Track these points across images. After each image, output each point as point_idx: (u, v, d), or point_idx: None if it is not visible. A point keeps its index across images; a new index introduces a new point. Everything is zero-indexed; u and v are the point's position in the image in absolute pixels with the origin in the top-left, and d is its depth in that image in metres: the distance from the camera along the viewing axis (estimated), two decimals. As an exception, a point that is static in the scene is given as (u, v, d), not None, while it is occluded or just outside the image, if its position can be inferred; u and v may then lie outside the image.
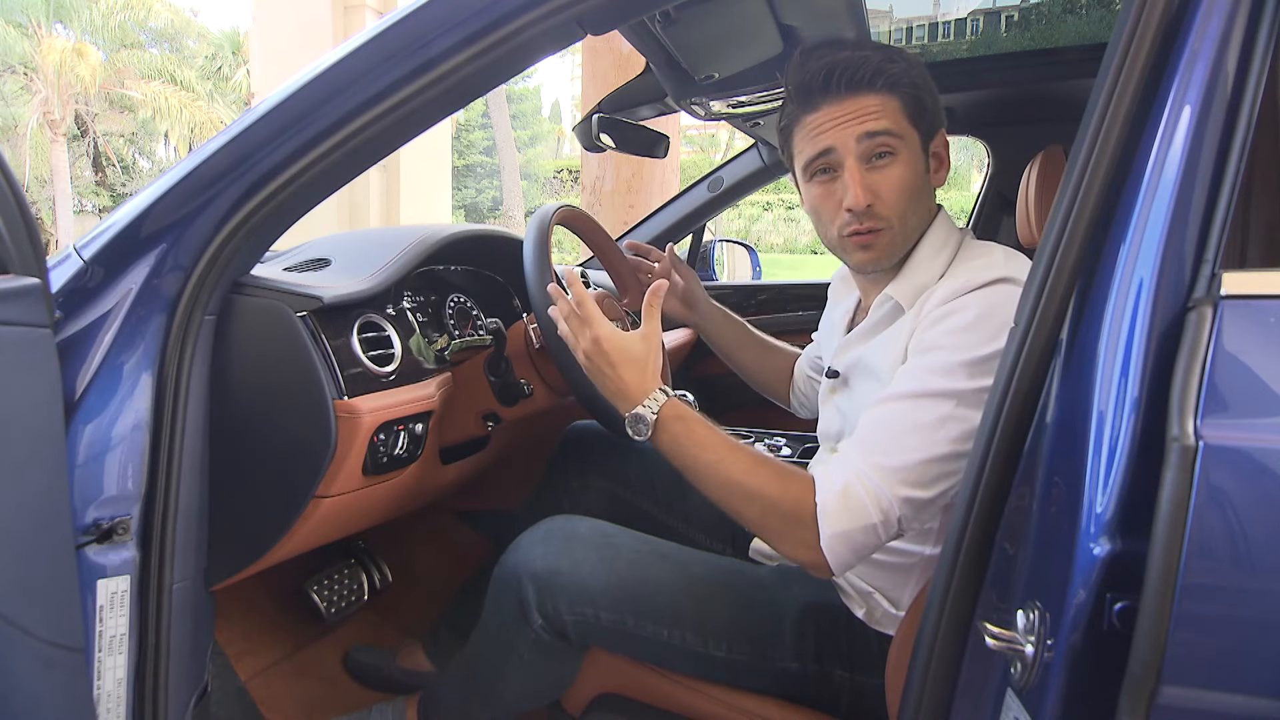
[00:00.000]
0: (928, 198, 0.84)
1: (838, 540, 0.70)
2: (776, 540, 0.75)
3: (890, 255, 0.84)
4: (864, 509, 0.70)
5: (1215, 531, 0.42)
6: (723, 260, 2.08)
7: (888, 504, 0.70)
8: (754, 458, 0.76)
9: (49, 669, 0.67)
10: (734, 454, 0.76)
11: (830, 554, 0.70)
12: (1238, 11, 0.47)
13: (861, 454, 0.72)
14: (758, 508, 0.74)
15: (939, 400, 0.71)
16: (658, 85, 1.30)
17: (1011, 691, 0.49)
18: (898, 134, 0.79)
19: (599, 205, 4.11)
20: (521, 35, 0.69)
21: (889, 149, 0.80)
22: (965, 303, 0.74)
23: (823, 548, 0.70)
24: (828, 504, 0.71)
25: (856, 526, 0.70)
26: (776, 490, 0.73)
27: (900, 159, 0.80)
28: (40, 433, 0.66)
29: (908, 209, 0.81)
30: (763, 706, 0.87)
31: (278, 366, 0.85)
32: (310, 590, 1.36)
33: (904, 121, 0.80)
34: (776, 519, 0.73)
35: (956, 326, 0.73)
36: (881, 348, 0.84)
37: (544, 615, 0.88)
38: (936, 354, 0.73)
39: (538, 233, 1.03)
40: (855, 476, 0.71)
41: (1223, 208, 0.46)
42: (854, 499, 0.70)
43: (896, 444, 0.71)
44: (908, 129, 0.80)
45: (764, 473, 0.74)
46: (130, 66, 13.26)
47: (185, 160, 0.77)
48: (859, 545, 0.71)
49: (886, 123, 0.79)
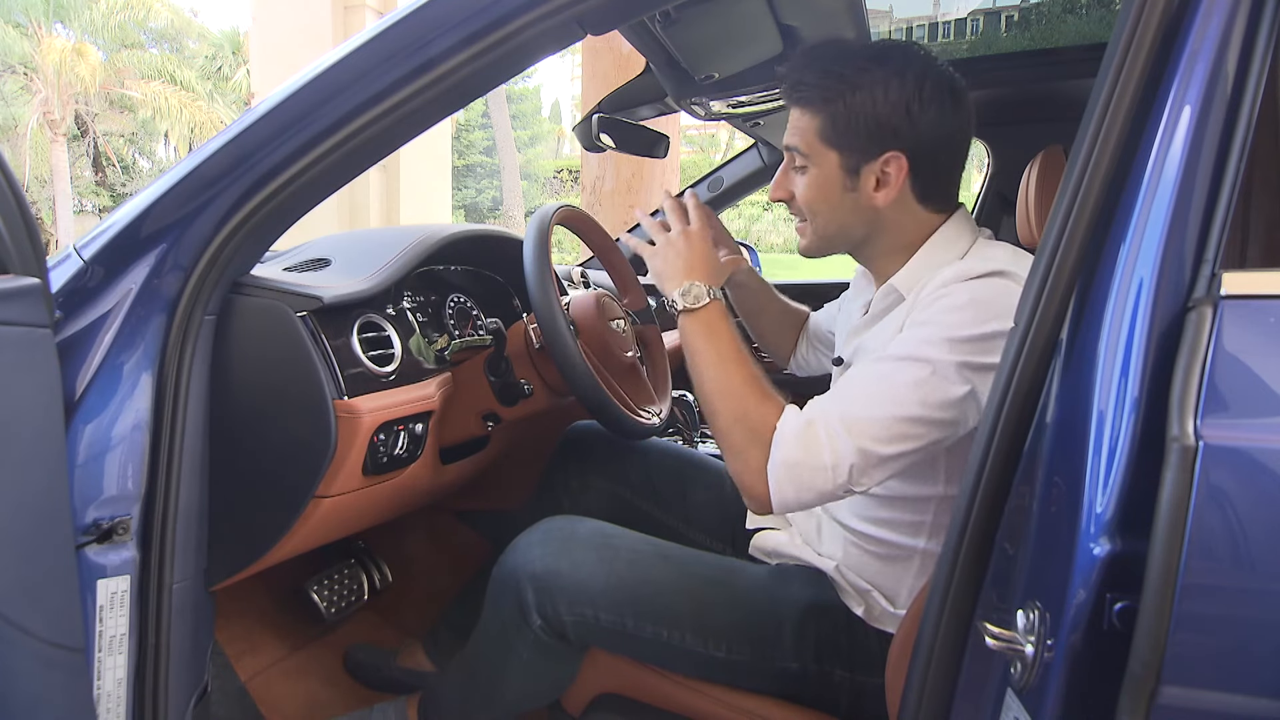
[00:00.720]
0: (854, 213, 0.85)
1: (783, 469, 0.72)
2: (731, 454, 0.78)
3: (816, 248, 0.90)
4: (819, 446, 0.72)
5: (1215, 531, 0.42)
6: (723, 260, 2.07)
7: (844, 450, 0.71)
8: (753, 374, 0.80)
9: (49, 669, 0.67)
10: (740, 363, 0.80)
11: (773, 481, 0.73)
12: (1238, 11, 0.47)
13: (832, 401, 0.75)
14: (730, 415, 0.78)
15: (916, 364, 0.73)
16: (658, 85, 1.30)
17: (1011, 691, 0.49)
18: (804, 152, 0.85)
19: (599, 205, 4.11)
20: (521, 35, 0.69)
21: (800, 162, 0.86)
22: (960, 288, 0.76)
23: (768, 471, 0.73)
24: (785, 432, 0.73)
25: (806, 461, 0.72)
26: (753, 405, 0.77)
27: (809, 173, 0.86)
28: (40, 433, 0.66)
29: (819, 215, 0.87)
30: (763, 706, 0.87)
31: (278, 366, 0.85)
32: (310, 590, 1.35)
33: (815, 140, 0.84)
34: (740, 430, 0.77)
35: (948, 306, 0.75)
36: (881, 334, 0.85)
37: (543, 616, 0.88)
38: (925, 328, 0.75)
39: (538, 233, 1.03)
40: (820, 417, 0.73)
41: (1223, 208, 0.46)
42: (812, 435, 0.72)
43: (866, 397, 0.74)
44: (818, 148, 0.84)
45: (752, 387, 0.79)
46: (130, 66, 13.26)
47: (185, 160, 0.77)
48: (803, 484, 0.72)
49: (797, 139, 0.85)
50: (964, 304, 0.74)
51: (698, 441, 1.58)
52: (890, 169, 0.82)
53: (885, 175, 0.83)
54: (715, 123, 1.49)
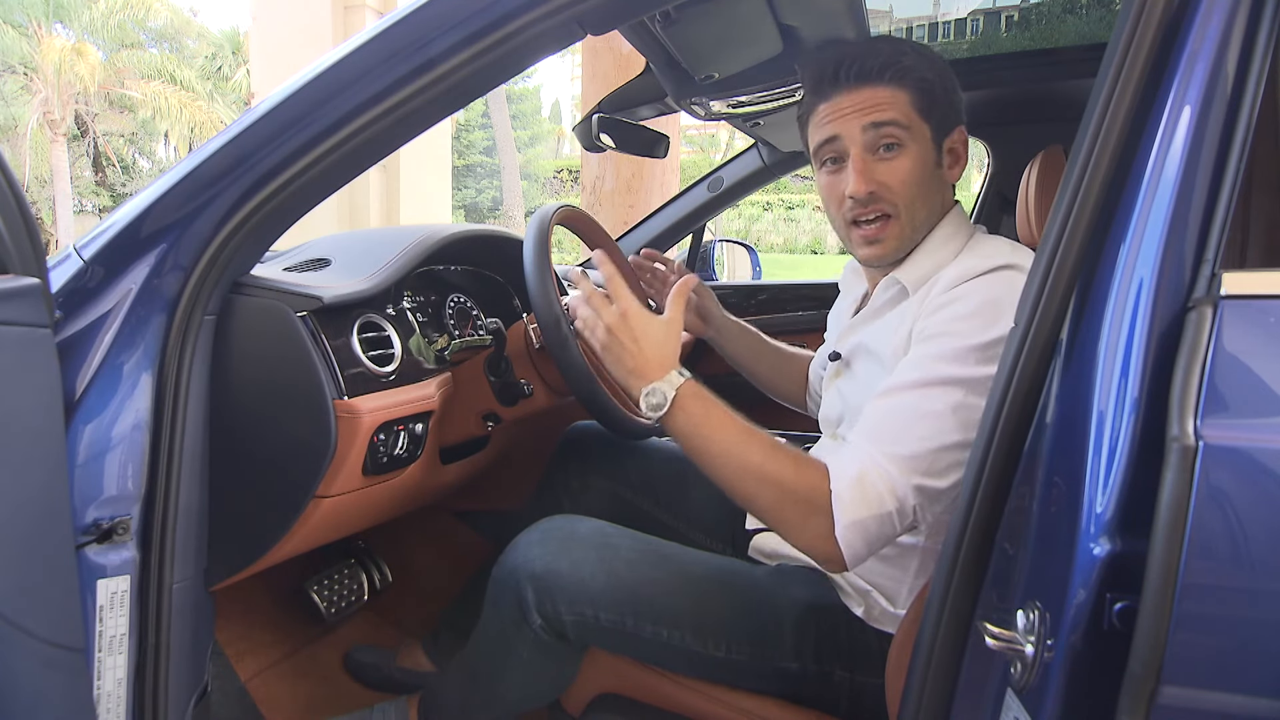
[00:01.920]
0: (938, 191, 0.85)
1: (853, 530, 0.69)
2: (789, 530, 0.73)
3: (898, 248, 0.85)
4: (880, 497, 0.69)
5: (1215, 531, 0.42)
6: (723, 260, 2.08)
7: (903, 492, 0.69)
8: (769, 443, 0.74)
9: (49, 669, 0.67)
10: (750, 438, 0.74)
11: (845, 545, 0.69)
12: (1238, 11, 0.47)
13: (873, 443, 0.71)
14: (771, 495, 0.72)
15: (948, 388, 0.71)
16: (658, 85, 1.30)
17: (1011, 691, 0.49)
18: (904, 125, 0.80)
19: (599, 205, 4.11)
20: (521, 35, 0.69)
21: (895, 140, 0.81)
22: (968, 290, 0.75)
23: (838, 537, 0.69)
24: (842, 492, 0.69)
25: (872, 515, 0.69)
26: (790, 477, 0.72)
27: (907, 151, 0.81)
28: (40, 433, 0.66)
29: (915, 200, 0.82)
30: (762, 706, 0.87)
31: (278, 366, 0.85)
32: (310, 590, 1.35)
33: (912, 114, 0.81)
34: (790, 506, 0.72)
35: (960, 314, 0.74)
36: (884, 331, 0.84)
37: (543, 616, 0.88)
38: (942, 341, 0.73)
39: (538, 233, 1.03)
40: (870, 465, 0.70)
41: (1223, 208, 0.46)
42: (869, 487, 0.69)
43: (908, 433, 0.70)
44: (916, 121, 0.81)
45: (779, 458, 0.73)
46: (130, 66, 13.26)
47: (185, 160, 0.77)
48: (873, 535, 0.70)
49: (893, 114, 0.80)
50: (974, 309, 0.73)
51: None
52: (958, 144, 0.84)
53: (954, 151, 0.84)
54: (715, 123, 1.49)
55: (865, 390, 0.86)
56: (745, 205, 16.54)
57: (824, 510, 0.70)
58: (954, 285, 0.76)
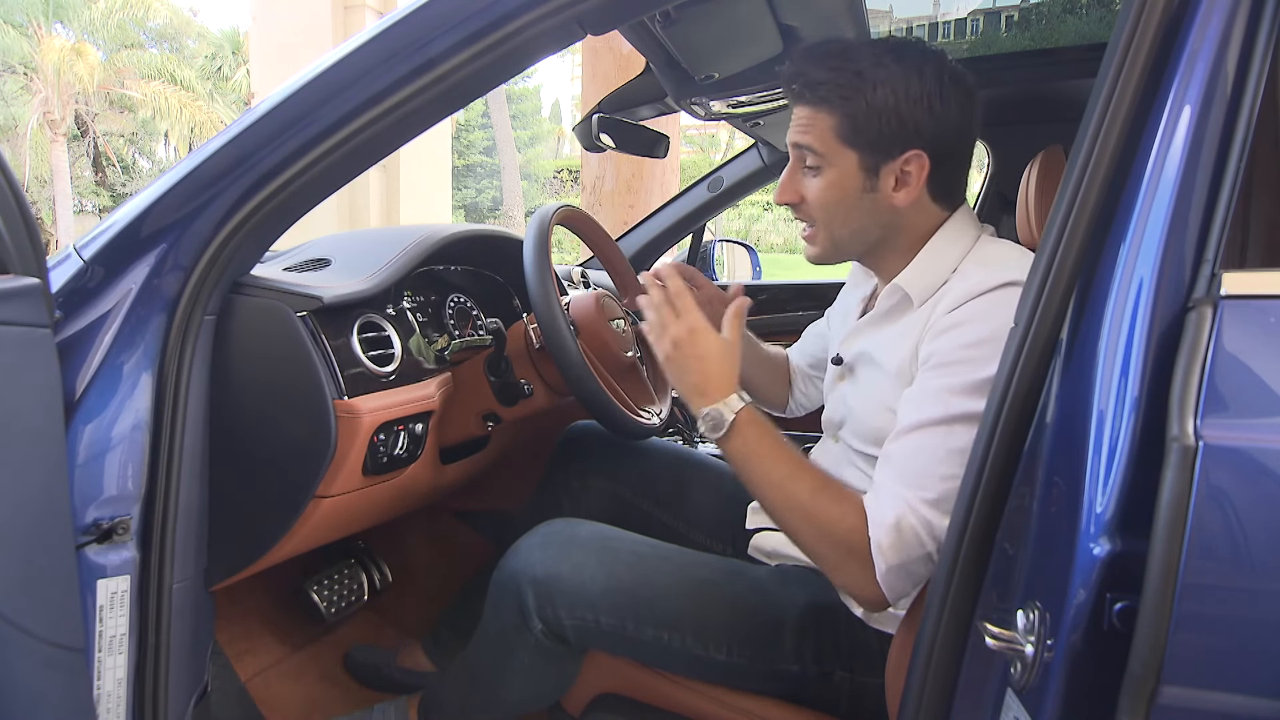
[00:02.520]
0: (870, 214, 0.83)
1: (894, 574, 0.71)
2: (829, 569, 0.75)
3: (827, 254, 0.87)
4: (918, 540, 0.70)
5: (1215, 531, 0.42)
6: (723, 260, 2.08)
7: (939, 532, 0.70)
8: (817, 480, 0.76)
9: (49, 669, 0.67)
10: (800, 473, 0.76)
11: (888, 588, 0.71)
12: (1238, 11, 0.47)
13: (905, 487, 0.72)
14: (813, 534, 0.75)
15: (971, 424, 0.69)
16: (658, 85, 1.30)
17: (1011, 691, 0.49)
18: (819, 151, 0.81)
19: (599, 205, 4.11)
20: (521, 35, 0.69)
21: (814, 163, 0.82)
22: (974, 311, 0.74)
23: (879, 583, 0.71)
24: (882, 541, 0.71)
25: (912, 559, 0.70)
26: (834, 519, 0.73)
27: (823, 173, 0.82)
28: (40, 433, 0.66)
29: (833, 218, 0.84)
30: (763, 707, 0.87)
31: (278, 366, 0.84)
32: (310, 590, 1.35)
33: (830, 139, 0.80)
34: (830, 549, 0.74)
35: (972, 339, 0.73)
36: (888, 341, 0.84)
37: (544, 620, 0.88)
38: (956, 371, 0.73)
39: (538, 233, 1.03)
40: (905, 510, 0.71)
41: (1223, 208, 0.46)
42: (907, 533, 0.70)
43: (936, 474, 0.71)
44: (834, 147, 0.80)
45: (824, 499, 0.74)
46: (130, 66, 13.26)
47: (185, 160, 0.77)
48: (915, 575, 0.71)
49: (810, 138, 0.81)
50: (989, 335, 0.72)
51: (697, 442, 1.58)
52: (911, 168, 0.80)
53: (905, 175, 0.81)
54: (715, 123, 1.49)
55: (868, 397, 0.86)
56: (745, 205, 16.54)
57: (863, 556, 0.71)
58: (959, 304, 0.75)
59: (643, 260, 1.95)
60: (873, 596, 0.72)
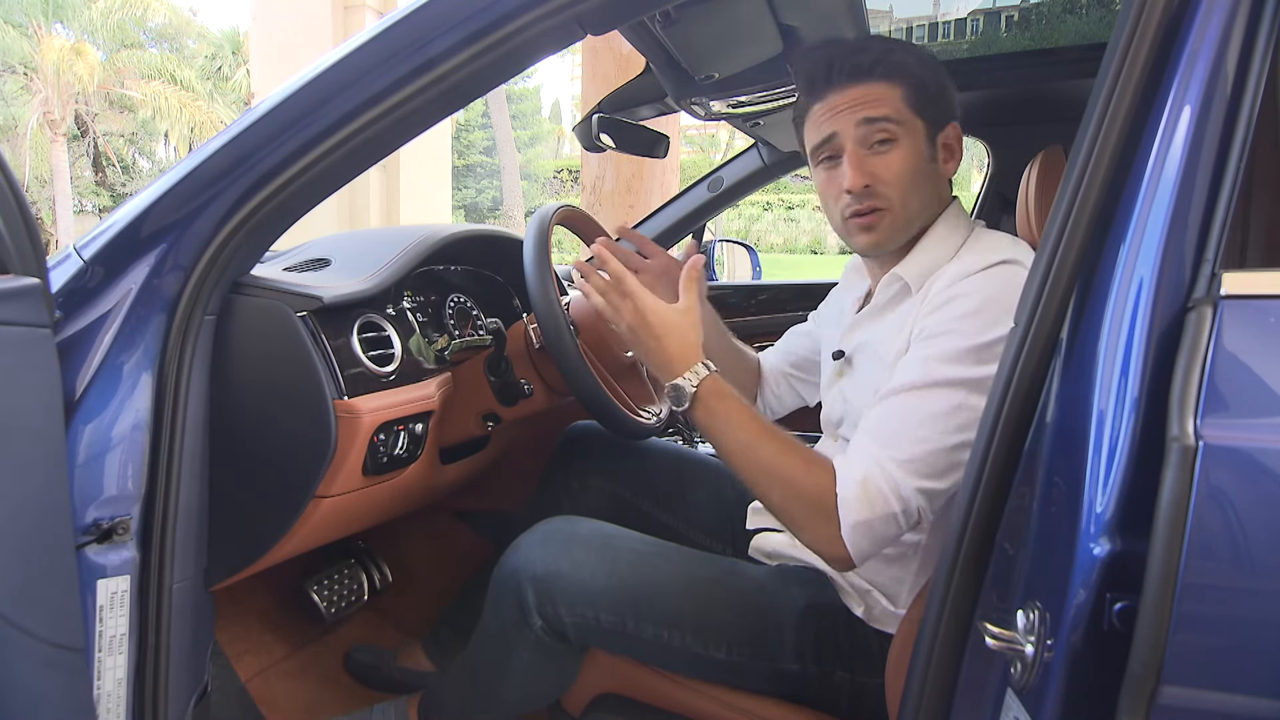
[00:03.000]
0: (933, 185, 0.85)
1: (858, 530, 0.71)
2: (797, 528, 0.76)
3: (892, 238, 0.85)
4: (884, 498, 0.71)
5: (1215, 531, 0.42)
6: (723, 260, 2.08)
7: (907, 493, 0.71)
8: (784, 442, 0.77)
9: (49, 669, 0.67)
10: (765, 436, 0.77)
11: (851, 545, 0.72)
12: (1238, 11, 0.47)
13: (877, 445, 0.73)
14: (781, 493, 0.76)
15: (950, 389, 0.72)
16: (658, 85, 1.30)
17: (1011, 691, 0.49)
18: (897, 120, 0.81)
19: (599, 205, 4.11)
20: (521, 35, 0.69)
21: (888, 135, 0.82)
22: (969, 287, 0.75)
23: (844, 538, 0.72)
24: (848, 495, 0.72)
25: (877, 516, 0.71)
26: (801, 477, 0.75)
27: (900, 145, 0.82)
28: (40, 433, 0.66)
29: (908, 193, 0.83)
30: (763, 707, 0.87)
31: (278, 366, 0.85)
32: (310, 590, 1.35)
33: (905, 109, 0.82)
34: (799, 506, 0.75)
35: (961, 312, 0.74)
36: (887, 330, 0.85)
37: (544, 617, 0.88)
38: (942, 340, 0.74)
39: (538, 233, 1.03)
40: (874, 466, 0.72)
41: (1223, 208, 0.46)
42: (873, 489, 0.71)
43: (909, 435, 0.72)
44: (909, 116, 0.82)
45: (791, 459, 0.76)
46: (130, 66, 13.26)
47: (185, 160, 0.77)
48: (879, 535, 0.72)
49: (885, 109, 0.81)
50: (975, 308, 0.73)
51: (697, 441, 1.58)
52: (952, 139, 0.84)
53: (949, 146, 0.84)
54: (715, 123, 1.49)
55: (867, 391, 0.86)
56: (745, 205, 16.54)
57: (830, 512, 0.72)
58: (954, 282, 0.76)
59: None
60: (838, 554, 0.73)
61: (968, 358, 0.72)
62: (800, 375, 1.16)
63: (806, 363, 1.15)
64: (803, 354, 1.16)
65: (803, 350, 1.16)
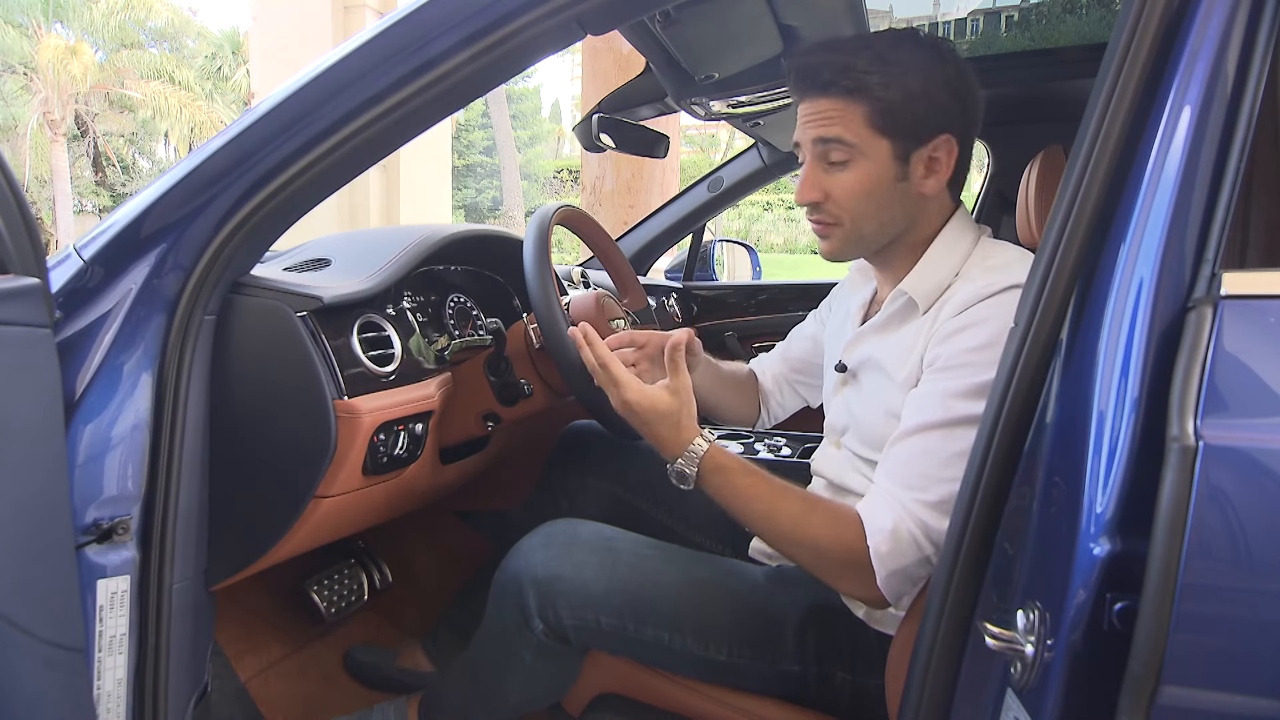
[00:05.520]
0: (901, 205, 0.82)
1: (894, 577, 0.72)
2: (831, 582, 0.77)
3: (847, 251, 0.85)
4: (915, 544, 0.71)
5: (1215, 531, 0.42)
6: (723, 260, 2.08)
7: (936, 534, 0.71)
8: (801, 503, 0.77)
9: (49, 669, 0.67)
10: (781, 501, 0.77)
11: (888, 590, 0.72)
12: (1238, 11, 0.47)
13: (902, 489, 0.73)
14: (809, 556, 0.77)
15: (971, 427, 0.69)
16: (658, 85, 1.30)
17: (1011, 691, 0.49)
18: (850, 143, 0.79)
19: (599, 205, 4.11)
20: (521, 35, 0.69)
21: (843, 157, 0.79)
22: (980, 314, 0.74)
23: (880, 587, 0.72)
24: (880, 547, 0.72)
25: (910, 562, 0.71)
26: (827, 540, 0.75)
27: (854, 167, 0.79)
28: (40, 433, 0.66)
29: (861, 213, 0.81)
30: (763, 707, 0.87)
31: (278, 366, 0.84)
32: (310, 590, 1.35)
33: (864, 129, 0.78)
34: (828, 565, 0.76)
35: (974, 344, 0.73)
36: (893, 347, 0.84)
37: (545, 620, 0.88)
38: (958, 375, 0.73)
39: (538, 233, 1.03)
40: (903, 514, 0.72)
41: (1223, 208, 0.46)
42: (904, 538, 0.71)
43: (935, 476, 0.72)
44: (868, 137, 0.78)
45: (813, 521, 0.76)
46: (130, 66, 13.26)
47: (185, 160, 0.77)
48: (914, 576, 0.73)
49: (839, 130, 0.78)
50: (990, 339, 0.72)
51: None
52: (940, 154, 0.80)
53: (934, 161, 0.80)
54: (715, 123, 1.49)
55: (872, 405, 0.86)
56: (745, 205, 16.54)
57: (863, 566, 0.73)
58: (964, 308, 0.75)
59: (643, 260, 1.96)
60: (874, 599, 0.74)
61: (981, 391, 0.71)
62: (803, 379, 1.16)
63: (809, 366, 1.15)
64: (805, 357, 1.15)
65: (805, 353, 1.15)
